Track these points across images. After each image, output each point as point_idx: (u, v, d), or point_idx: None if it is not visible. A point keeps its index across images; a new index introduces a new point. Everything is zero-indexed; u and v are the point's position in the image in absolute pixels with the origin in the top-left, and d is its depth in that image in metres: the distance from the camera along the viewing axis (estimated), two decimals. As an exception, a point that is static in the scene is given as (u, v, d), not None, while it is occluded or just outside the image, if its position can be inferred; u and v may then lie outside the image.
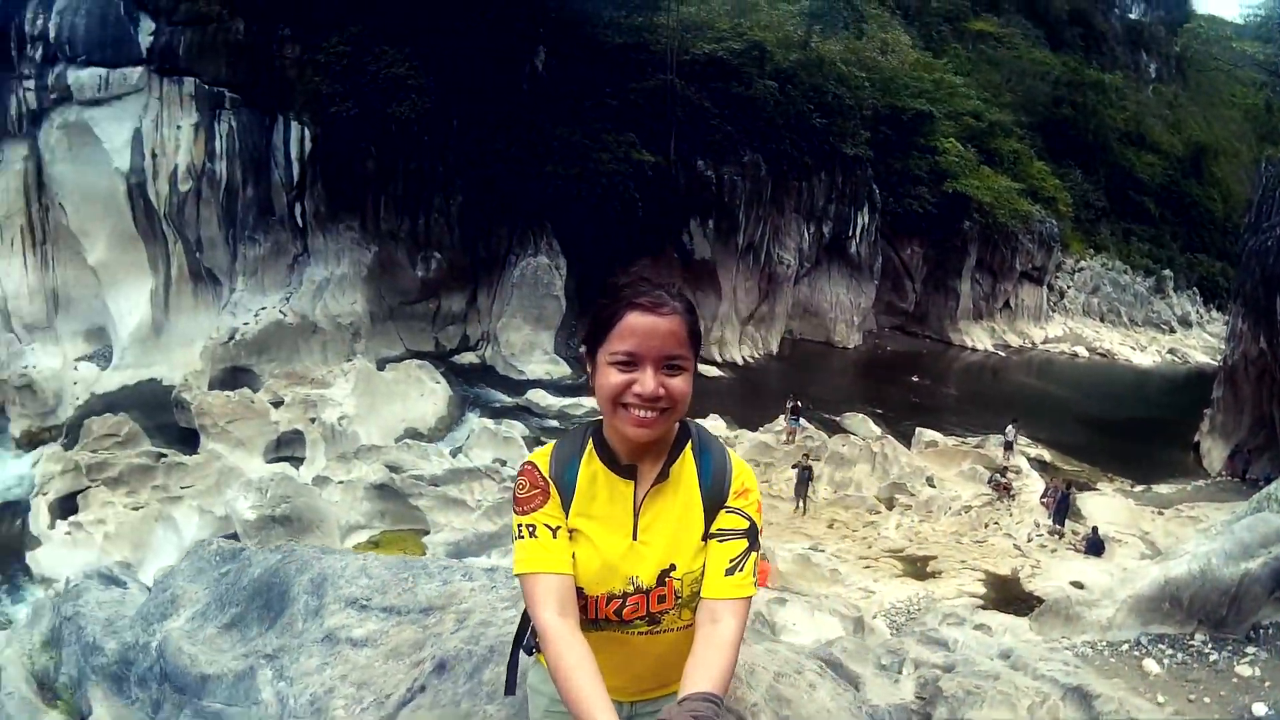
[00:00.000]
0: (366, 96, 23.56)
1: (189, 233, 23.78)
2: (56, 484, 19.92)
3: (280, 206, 23.84)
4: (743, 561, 1.70)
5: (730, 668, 1.60)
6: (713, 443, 1.84)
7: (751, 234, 28.28)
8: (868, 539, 16.50)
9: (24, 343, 24.63)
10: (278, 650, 3.35)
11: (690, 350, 1.66)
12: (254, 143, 23.82)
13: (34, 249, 24.76)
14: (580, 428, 1.85)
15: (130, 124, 23.87)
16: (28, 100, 24.43)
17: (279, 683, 3.17)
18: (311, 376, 22.67)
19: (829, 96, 30.65)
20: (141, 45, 23.81)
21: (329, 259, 23.98)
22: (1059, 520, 16.90)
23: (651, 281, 1.69)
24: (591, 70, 26.28)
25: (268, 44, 24.28)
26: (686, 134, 27.27)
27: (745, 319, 27.85)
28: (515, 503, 1.76)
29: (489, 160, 24.26)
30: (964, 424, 24.87)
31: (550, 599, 1.64)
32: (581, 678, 1.53)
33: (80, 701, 4.05)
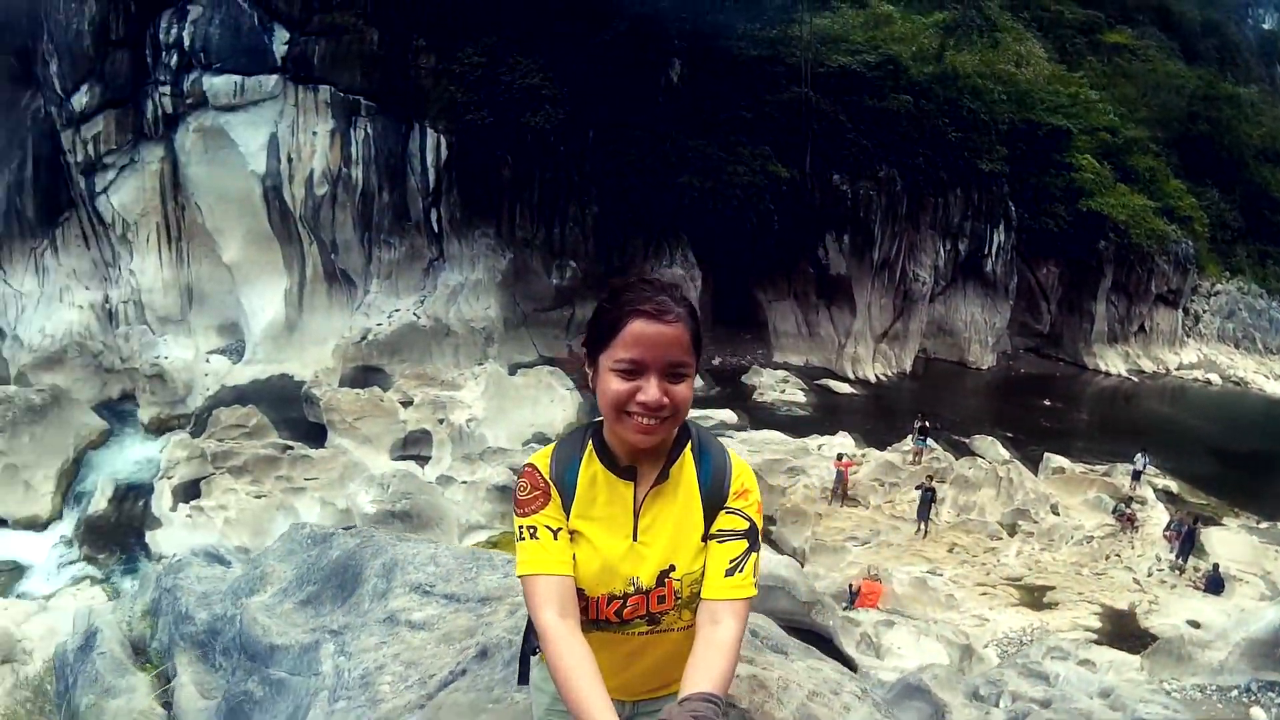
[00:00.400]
0: (501, 106, 23.78)
1: (324, 235, 24.23)
2: (181, 469, 20.61)
3: (416, 212, 24.27)
4: (743, 562, 1.71)
5: (731, 668, 1.60)
6: (712, 443, 1.84)
7: (887, 250, 27.56)
8: (987, 565, 16.35)
9: (157, 334, 25.48)
10: (343, 627, 3.61)
11: (693, 356, 1.66)
12: (390, 149, 24.25)
13: (169, 245, 25.59)
14: (580, 429, 1.86)
15: (266, 129, 24.55)
16: (164, 105, 25.39)
17: (339, 657, 3.38)
18: (442, 378, 23.06)
19: (964, 111, 29.78)
20: (276, 54, 24.52)
21: (464, 264, 24.35)
22: (1183, 555, 16.54)
23: (654, 285, 1.67)
24: (727, 82, 26.04)
25: (402, 54, 24.68)
26: (822, 147, 26.73)
27: (879, 336, 27.17)
28: (516, 505, 1.78)
29: (624, 170, 24.19)
30: (1093, 450, 24.24)
31: (551, 600, 1.65)
32: (581, 678, 1.53)
33: (168, 666, 4.28)
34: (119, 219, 25.70)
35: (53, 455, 22.17)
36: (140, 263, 25.34)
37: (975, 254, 30.02)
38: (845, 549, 16.62)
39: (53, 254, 26.95)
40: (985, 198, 30.10)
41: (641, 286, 1.67)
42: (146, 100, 25.66)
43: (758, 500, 1.78)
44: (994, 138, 30.64)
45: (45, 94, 27.47)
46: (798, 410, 24.41)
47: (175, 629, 4.39)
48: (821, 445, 20.95)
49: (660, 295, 1.64)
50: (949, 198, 29.21)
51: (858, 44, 29.49)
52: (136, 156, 25.68)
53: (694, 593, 1.74)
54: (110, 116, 25.87)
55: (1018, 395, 29.39)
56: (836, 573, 15.54)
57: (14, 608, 15.23)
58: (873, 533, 17.39)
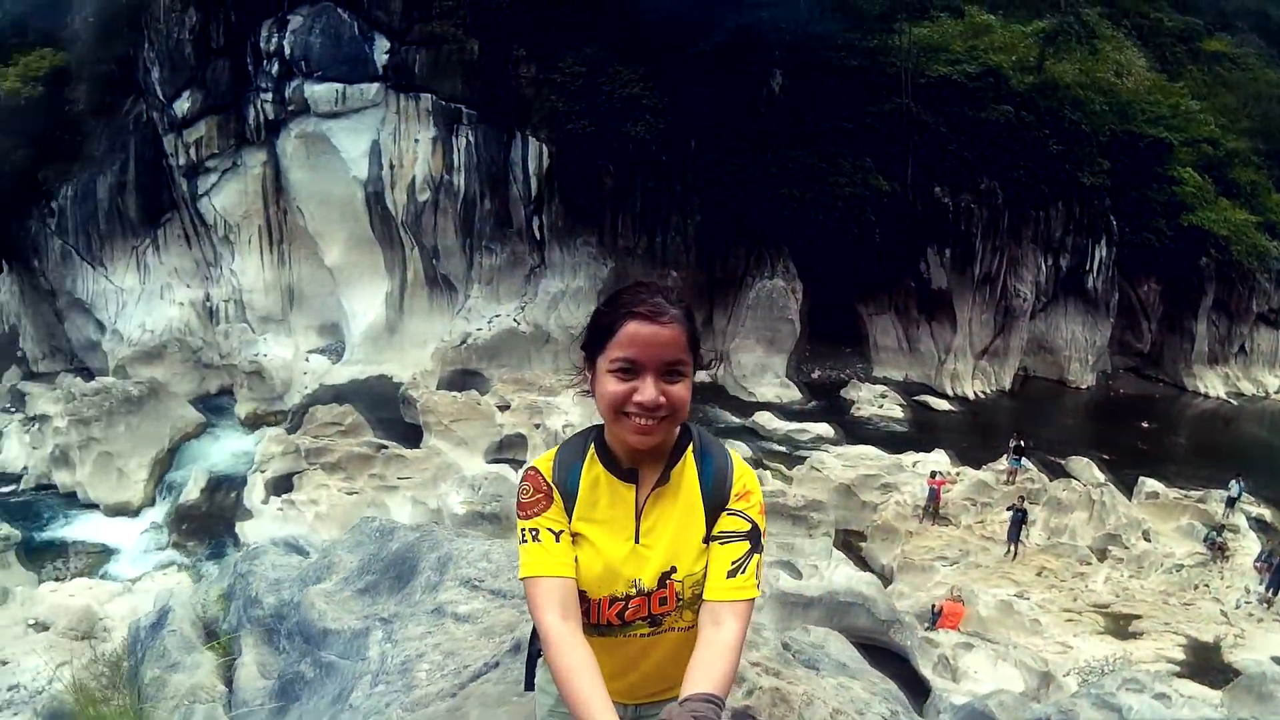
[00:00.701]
0: (602, 115, 24.08)
1: (426, 240, 24.69)
2: (275, 464, 21.23)
3: (518, 219, 24.68)
4: (745, 563, 1.71)
5: (732, 670, 1.61)
6: (713, 445, 1.85)
7: (988, 265, 27.18)
8: (1075, 591, 16.16)
9: (257, 333, 26.21)
10: (393, 615, 3.78)
11: (690, 356, 1.68)
12: (492, 157, 24.73)
13: (271, 247, 26.27)
14: (582, 432, 1.87)
15: (368, 136, 25.17)
16: (265, 111, 26.11)
17: (386, 643, 3.55)
18: (540, 384, 23.53)
19: (1065, 122, 29.29)
20: (377, 63, 25.11)
21: (565, 272, 24.77)
22: (1273, 588, 16.09)
23: (650, 288, 1.70)
24: (827, 93, 26.00)
25: (503, 63, 25.11)
26: (922, 159, 26.51)
27: (979, 353, 26.85)
28: (519, 507, 1.79)
29: (726, 181, 24.28)
30: (1188, 475, 23.69)
31: (552, 602, 1.66)
32: (582, 680, 1.54)
33: (234, 647, 4.44)
34: (221, 220, 26.43)
35: (148, 445, 23.12)
36: (242, 263, 26.07)
37: (1076, 269, 29.44)
38: (934, 568, 16.60)
39: (154, 252, 27.82)
40: (1086, 211, 29.51)
41: (637, 289, 1.70)
42: (248, 106, 26.45)
43: (760, 501, 1.79)
44: (1095, 150, 30.03)
45: (147, 99, 28.42)
46: (895, 426, 24.25)
47: (244, 612, 4.59)
48: (916, 462, 20.81)
49: (655, 297, 1.67)
50: (1050, 211, 28.69)
51: (958, 54, 29.11)
52: (238, 161, 26.45)
53: (696, 594, 1.75)
54: (212, 122, 26.73)
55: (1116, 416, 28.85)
56: (923, 592, 15.56)
57: (99, 588, 16.04)
58: (962, 553, 17.30)
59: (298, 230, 25.67)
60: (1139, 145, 31.60)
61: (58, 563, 19.95)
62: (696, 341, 1.70)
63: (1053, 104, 29.31)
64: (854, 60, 26.89)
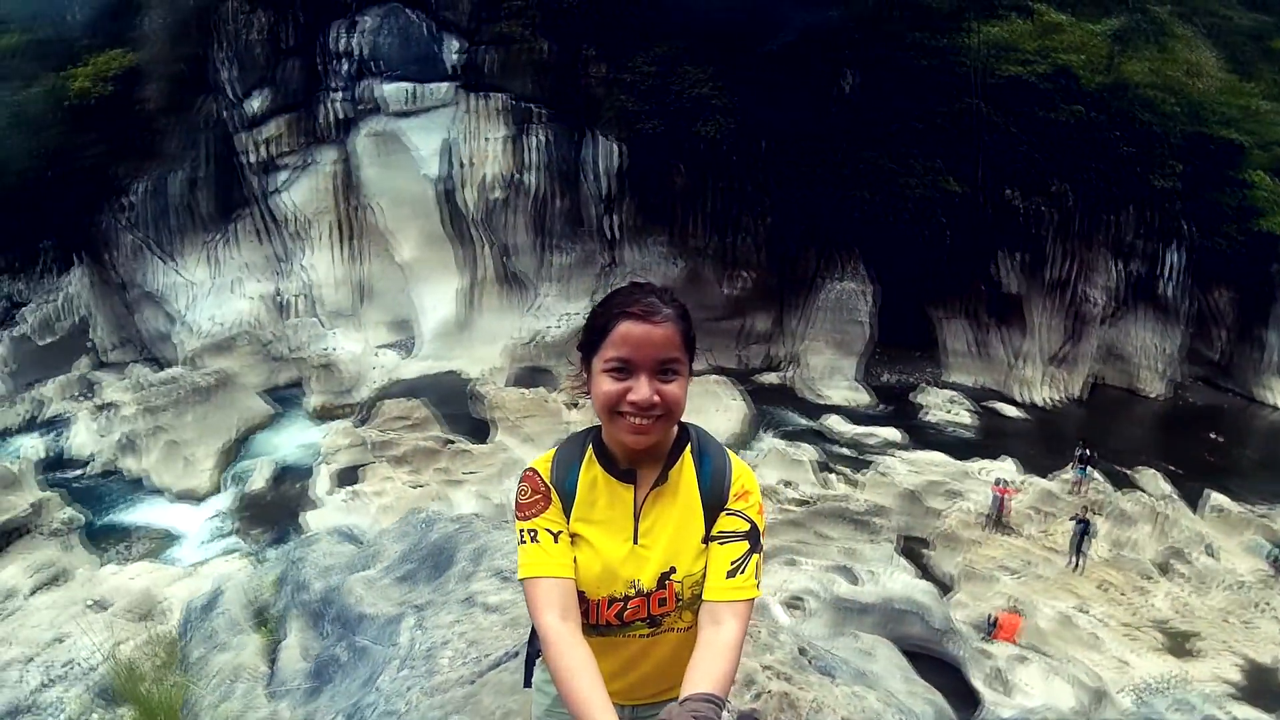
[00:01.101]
0: (673, 115, 24.39)
1: (498, 238, 25.07)
2: (343, 456, 21.73)
3: (590, 218, 25.00)
4: (744, 563, 1.72)
5: (732, 669, 1.61)
6: (712, 445, 1.86)
7: (1059, 269, 26.98)
8: (1135, 606, 15.98)
9: (327, 327, 26.78)
10: (426, 604, 3.91)
11: (685, 355, 1.70)
12: (564, 156, 25.09)
13: (343, 243, 26.82)
14: (580, 433, 1.88)
15: (439, 134, 25.64)
16: (337, 110, 26.68)
17: (416, 630, 3.67)
18: None
19: (1137, 123, 28.92)
20: (448, 63, 25.61)
21: (638, 271, 24.97)
22: None
23: (645, 288, 1.73)
24: (898, 93, 26.03)
25: (573, 63, 25.52)
26: (993, 161, 26.38)
27: (1050, 359, 26.62)
28: (517, 508, 1.81)
29: (797, 181, 24.43)
30: (1255, 490, 23.27)
31: (552, 603, 1.68)
32: (582, 680, 1.55)
33: (281, 630, 4.64)
34: (293, 216, 27.07)
35: (215, 434, 23.79)
36: (313, 258, 26.68)
37: (1148, 276, 29.06)
38: (995, 578, 16.49)
39: (226, 247, 28.54)
40: (1159, 216, 29.11)
41: (632, 290, 1.73)
42: (320, 105, 27.11)
43: (758, 502, 1.80)
44: (1166, 152, 29.61)
45: (219, 98, 29.20)
46: (964, 432, 24.11)
47: (293, 597, 4.77)
48: (984, 469, 20.65)
49: (649, 297, 1.70)
50: (1121, 215, 28.38)
51: (1028, 53, 28.90)
52: (311, 158, 27.10)
53: (695, 594, 1.76)
54: (284, 120, 27.49)
55: (1185, 427, 28.39)
56: (983, 602, 15.47)
57: (161, 572, 16.24)
58: (1025, 563, 17.18)
59: (370, 227, 26.20)
60: (1210, 147, 31.11)
61: (121, 546, 20.30)
62: (691, 341, 1.73)
63: (1124, 105, 28.98)
64: (924, 60, 26.83)
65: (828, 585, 14.02)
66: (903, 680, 9.41)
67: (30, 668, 9.87)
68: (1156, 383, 28.63)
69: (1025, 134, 26.92)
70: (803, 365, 25.29)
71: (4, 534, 16.69)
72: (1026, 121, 27.09)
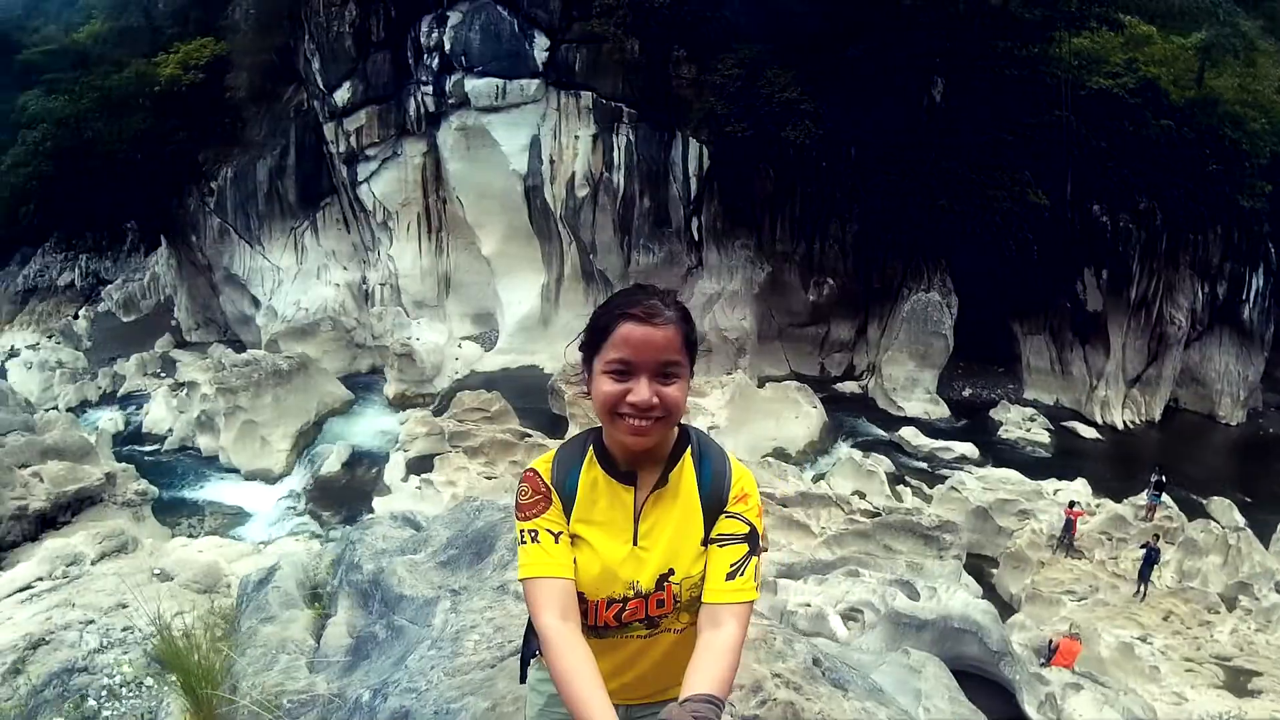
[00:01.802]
0: (760, 118, 24.55)
1: (583, 235, 25.46)
2: (419, 444, 22.07)
3: (676, 219, 25.29)
4: (743, 566, 1.73)
5: (732, 671, 1.63)
6: (712, 448, 1.87)
7: (1144, 289, 26.69)
8: (1199, 639, 15.63)
9: (411, 316, 27.40)
10: (462, 588, 4.06)
11: (685, 358, 1.71)
12: (651, 156, 25.35)
13: (429, 235, 27.44)
14: (581, 434, 1.91)
15: (527, 131, 26.07)
16: (425, 103, 27.26)
17: (450, 613, 3.80)
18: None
19: (1224, 140, 28.55)
20: (536, 60, 25.99)
21: (722, 274, 25.24)
22: None
23: (647, 290, 1.74)
24: (986, 103, 25.96)
25: (662, 63, 25.77)
26: (1082, 175, 26.10)
27: (1131, 381, 26.35)
28: (517, 509, 1.83)
29: (885, 189, 24.42)
30: None
31: (552, 603, 1.69)
32: (582, 681, 1.57)
33: (331, 607, 4.83)
34: (380, 207, 27.73)
35: (293, 417, 24.34)
36: (399, 249, 27.31)
37: (1231, 298, 28.69)
38: (1060, 602, 16.32)
39: (312, 234, 29.34)
40: (1245, 237, 28.72)
41: (634, 291, 1.74)
42: (408, 98, 27.69)
43: (758, 504, 1.81)
44: (1254, 171, 29.20)
45: (307, 88, 29.98)
46: (1039, 451, 23.96)
47: (345, 576, 4.94)
48: (1058, 490, 20.45)
49: (651, 299, 1.70)
50: (1208, 235, 28.05)
51: (1116, 66, 28.66)
52: (398, 150, 27.74)
53: (693, 597, 1.78)
54: (372, 112, 28.11)
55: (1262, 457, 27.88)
56: (1046, 626, 15.35)
57: (229, 547, 16.41)
58: (1091, 588, 16.96)
59: (456, 219, 26.74)
60: (1293, 166, 30.62)
61: (192, 520, 20.85)
62: (692, 343, 1.73)
63: (1211, 121, 28.64)
64: (1013, 70, 26.75)
65: (887, 599, 13.94)
66: (949, 700, 9.42)
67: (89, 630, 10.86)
68: (1235, 409, 28.28)
69: (1114, 149, 26.72)
70: (882, 375, 25.39)
71: (76, 502, 17.10)
72: (1115, 136, 26.89)
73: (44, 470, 17.22)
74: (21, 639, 9.62)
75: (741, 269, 24.90)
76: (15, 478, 16.36)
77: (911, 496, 19.94)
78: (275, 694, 3.97)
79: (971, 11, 26.08)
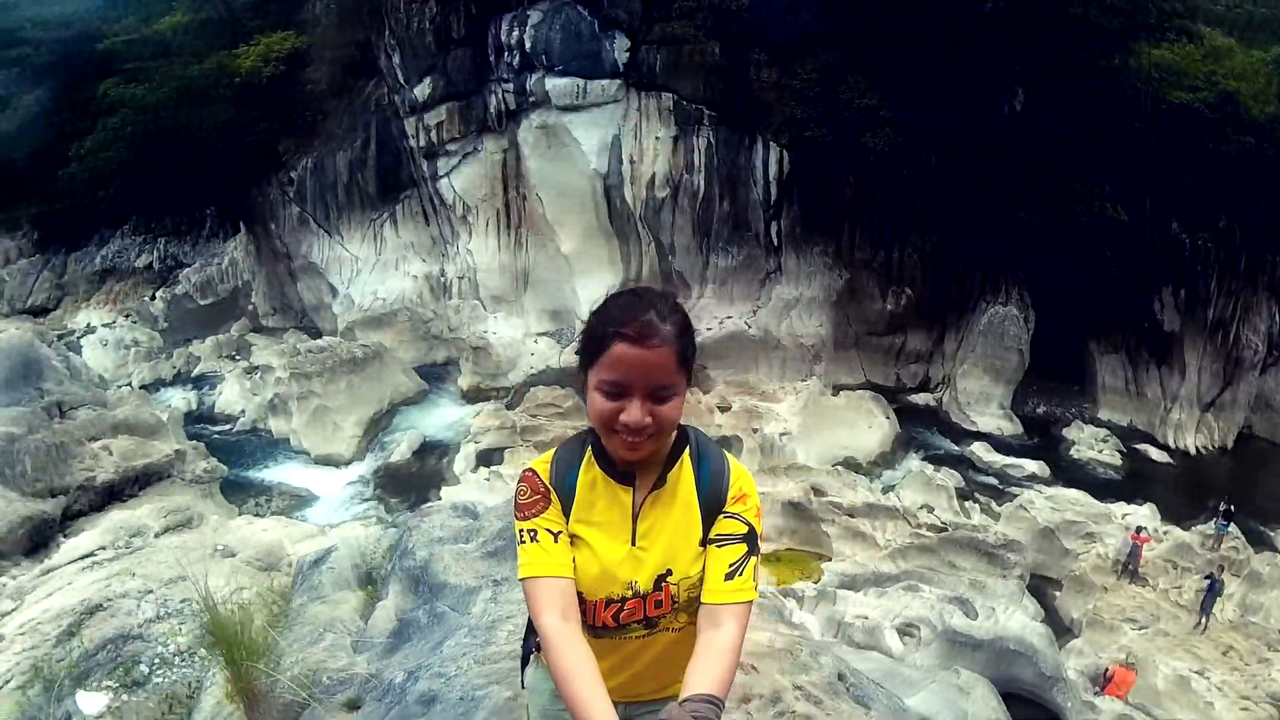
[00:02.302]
0: (840, 124, 24.77)
1: (661, 237, 25.87)
2: (489, 437, 22.65)
3: (755, 223, 25.56)
4: (742, 566, 1.74)
5: (732, 671, 1.64)
6: (710, 448, 1.89)
7: (1220, 310, 26.40)
8: (1256, 677, 15.37)
9: (487, 310, 28.03)
10: (504, 579, 4.19)
11: (681, 376, 1.69)
12: (730, 159, 25.61)
13: (507, 231, 28.02)
14: (579, 434, 1.90)
15: (606, 130, 26.50)
16: (505, 101, 27.83)
17: (490, 603, 3.94)
18: (762, 389, 24.31)
19: (1306, 160, 27.98)
20: (616, 60, 26.34)
21: (799, 280, 25.36)
22: None
23: (642, 301, 1.69)
24: (1066, 114, 25.77)
25: (742, 66, 25.93)
26: (1160, 191, 25.90)
27: (1205, 405, 26.03)
28: (516, 509, 1.84)
29: (965, 199, 24.34)
30: None
31: (552, 603, 1.70)
32: (582, 680, 1.58)
33: (382, 591, 4.97)
34: (459, 201, 28.38)
35: (364, 404, 24.90)
36: (477, 243, 27.94)
37: (1310, 323, 28.25)
38: (1120, 629, 16.24)
39: (390, 226, 30.08)
40: (1324, 259, 28.28)
41: (630, 303, 1.70)
42: (488, 95, 28.29)
43: (756, 505, 1.82)
44: (1334, 190, 28.77)
45: (387, 83, 30.64)
46: (1108, 472, 23.84)
47: (398, 561, 5.13)
48: (1125, 514, 20.28)
49: (647, 314, 1.66)
50: (1284, 256, 27.65)
51: (1196, 79, 28.40)
52: (478, 146, 28.37)
53: (691, 597, 1.79)
54: (452, 108, 28.75)
55: (1334, 490, 27.54)
56: (1105, 653, 15.25)
57: (293, 528, 16.46)
58: (1151, 617, 16.83)
59: (534, 216, 27.28)
60: (1374, 187, 30.14)
61: (259, 500, 21.54)
62: (688, 360, 1.71)
63: (1289, 137, 28.29)
64: (1093, 80, 26.60)
65: (944, 616, 14.07)
66: (994, 724, 9.48)
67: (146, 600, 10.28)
68: (1309, 438, 27.81)
69: (1193, 164, 26.51)
70: (955, 389, 25.35)
71: (143, 476, 17.44)
72: (1194, 151, 26.67)
73: (113, 444, 17.59)
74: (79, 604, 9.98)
75: (819, 275, 25.10)
76: (84, 450, 16.77)
77: (979, 513, 19.98)
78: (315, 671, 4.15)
79: (1051, 19, 26.04)
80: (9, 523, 13.89)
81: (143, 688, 7.22)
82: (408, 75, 29.30)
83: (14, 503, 14.34)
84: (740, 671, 3.32)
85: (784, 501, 18.47)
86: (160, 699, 6.41)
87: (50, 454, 16.01)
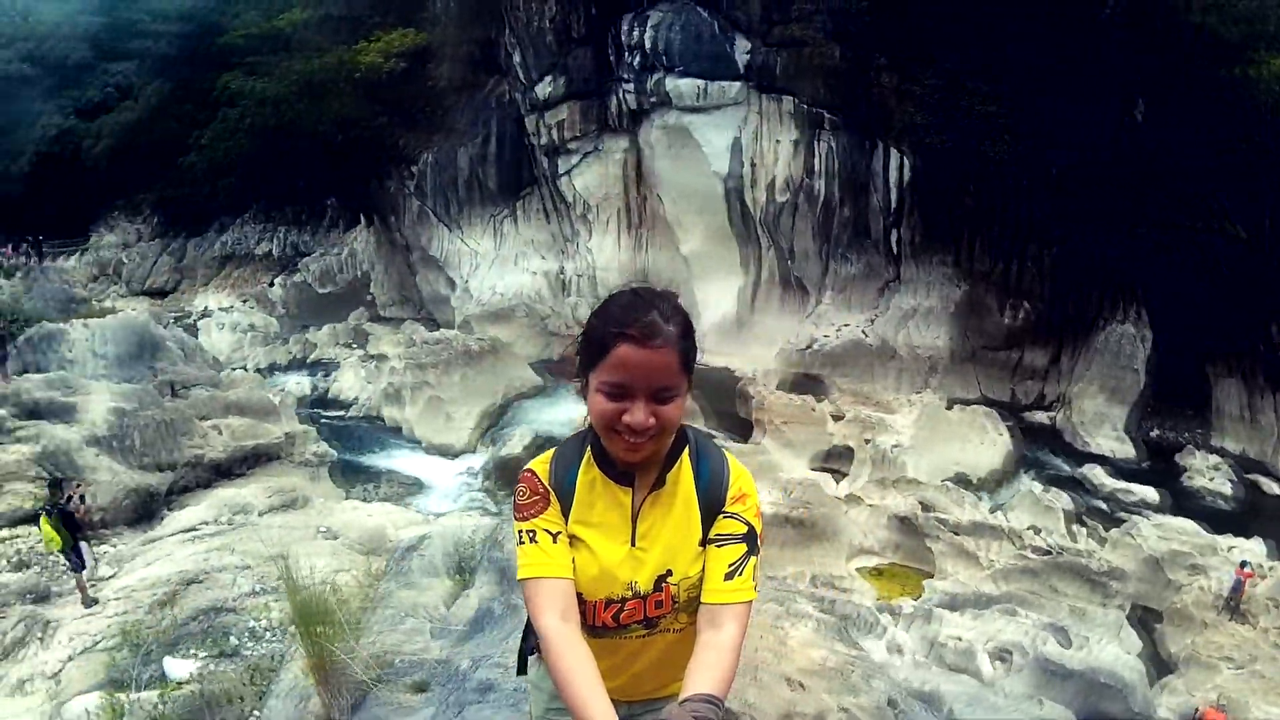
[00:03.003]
0: (962, 132, 24.76)
1: (783, 241, 26.48)
2: None
3: (876, 230, 25.66)
4: (742, 565, 1.76)
5: (732, 671, 1.67)
6: (710, 448, 1.90)
7: (1338, 337, 26.01)
8: None
9: (608, 308, 28.74)
10: None
11: (683, 377, 1.70)
12: (853, 165, 25.83)
13: (628, 230, 28.99)
14: (579, 435, 1.92)
15: (729, 133, 27.02)
16: (628, 101, 28.60)
17: None
18: (878, 399, 24.39)
19: None
20: (738, 62, 26.80)
21: (919, 289, 25.36)
22: None
23: (645, 301, 1.70)
24: (1187, 126, 25.48)
25: (865, 71, 26.11)
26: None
27: (1321, 436, 25.48)
28: (515, 509, 1.85)
29: (1087, 213, 24.41)
30: None
31: (553, 604, 1.72)
32: (583, 681, 1.60)
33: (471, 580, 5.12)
34: (580, 200, 29.46)
35: (480, 397, 25.46)
36: (599, 241, 28.99)
37: None
38: (1217, 667, 15.54)
39: (512, 222, 31.40)
40: None
41: (631, 304, 1.69)
42: (611, 95, 29.04)
43: (756, 505, 1.83)
44: None
45: (509, 80, 31.81)
46: (1221, 503, 22.88)
47: (487, 553, 5.27)
48: (1232, 547, 19.38)
49: (649, 314, 1.66)
50: (1396, 284, 27.10)
51: (1313, 92, 28.13)
52: (600, 145, 29.33)
53: (691, 597, 1.80)
54: (574, 106, 29.70)
55: None
56: (1199, 692, 14.69)
57: (399, 514, 16.50)
58: (1250, 657, 15.88)
59: (656, 216, 28.14)
60: None
61: (368, 486, 21.77)
62: (690, 361, 1.71)
63: None
64: (1213, 91, 26.35)
65: (1037, 643, 13.83)
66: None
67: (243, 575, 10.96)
68: None
69: (1315, 181, 26.30)
70: (1072, 408, 24.77)
71: (253, 456, 18.01)
72: (1317, 166, 26.45)
73: (225, 424, 18.41)
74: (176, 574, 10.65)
75: (939, 286, 25.05)
76: (196, 428, 17.52)
77: (1086, 537, 19.47)
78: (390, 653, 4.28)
79: (1170, 27, 25.98)
80: (115, 493, 14.66)
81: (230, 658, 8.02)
82: (530, 73, 30.16)
83: (121, 475, 15.20)
84: (787, 688, 3.40)
85: (891, 515, 18.46)
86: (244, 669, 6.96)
87: (160, 430, 16.85)
